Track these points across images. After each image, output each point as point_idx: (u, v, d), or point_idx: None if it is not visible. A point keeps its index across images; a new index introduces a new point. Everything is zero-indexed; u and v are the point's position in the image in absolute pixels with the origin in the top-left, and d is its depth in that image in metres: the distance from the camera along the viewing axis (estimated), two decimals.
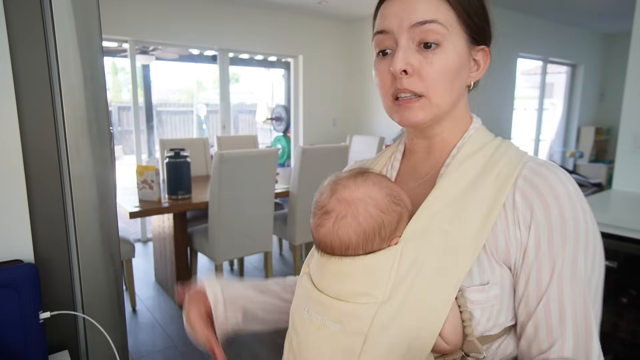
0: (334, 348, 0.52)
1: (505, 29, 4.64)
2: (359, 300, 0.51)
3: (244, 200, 2.60)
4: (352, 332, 0.51)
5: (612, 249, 1.70)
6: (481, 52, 0.60)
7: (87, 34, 0.91)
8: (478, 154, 0.57)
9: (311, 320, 0.55)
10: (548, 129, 6.15)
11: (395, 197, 0.55)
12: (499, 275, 0.53)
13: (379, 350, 0.50)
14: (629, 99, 2.12)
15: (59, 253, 0.95)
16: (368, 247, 0.53)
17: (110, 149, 0.98)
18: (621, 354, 1.80)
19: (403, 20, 0.54)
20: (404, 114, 0.57)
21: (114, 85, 8.01)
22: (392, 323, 0.50)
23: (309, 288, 0.57)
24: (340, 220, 0.54)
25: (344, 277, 0.54)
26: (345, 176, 0.57)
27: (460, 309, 0.52)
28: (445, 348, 0.51)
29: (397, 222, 0.54)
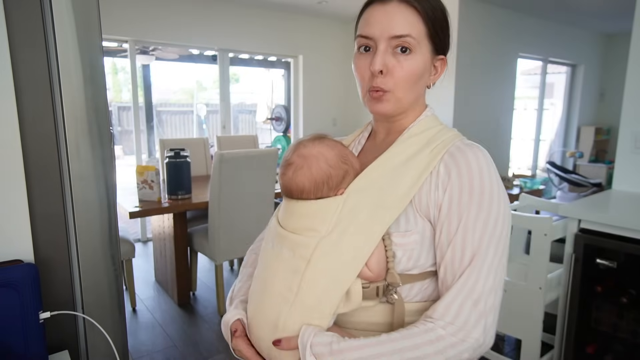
0: (285, 268, 0.68)
1: (505, 29, 4.65)
2: (307, 233, 0.67)
3: (244, 200, 2.60)
4: (300, 257, 0.66)
5: (612, 249, 1.70)
6: (440, 61, 0.75)
7: (87, 34, 0.91)
8: (422, 135, 0.72)
9: (273, 250, 0.71)
10: (548, 129, 6.15)
11: (344, 157, 0.71)
12: (421, 226, 0.67)
13: (317, 270, 0.65)
14: (629, 99, 2.12)
15: (59, 253, 0.95)
16: (318, 193, 0.69)
17: (110, 149, 0.98)
18: (621, 354, 1.79)
19: (384, 31, 0.68)
20: (375, 106, 0.72)
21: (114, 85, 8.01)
22: (330, 251, 0.65)
23: (275, 226, 0.73)
24: (297, 170, 0.70)
25: (298, 215, 0.70)
26: (306, 138, 0.74)
27: (385, 247, 0.67)
28: (370, 276, 0.66)
29: (343, 177, 0.70)
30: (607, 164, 5.50)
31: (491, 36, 4.37)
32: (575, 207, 1.81)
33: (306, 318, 0.65)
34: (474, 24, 4.18)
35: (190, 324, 2.58)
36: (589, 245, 1.75)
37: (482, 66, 4.35)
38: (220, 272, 2.65)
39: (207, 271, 3.39)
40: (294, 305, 0.65)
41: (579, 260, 1.77)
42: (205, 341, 2.39)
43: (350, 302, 0.65)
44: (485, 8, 4.26)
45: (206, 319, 2.64)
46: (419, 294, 0.70)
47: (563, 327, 1.86)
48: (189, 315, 2.69)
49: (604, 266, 1.73)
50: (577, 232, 1.78)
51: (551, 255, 1.82)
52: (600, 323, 1.81)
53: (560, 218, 1.86)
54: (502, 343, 2.33)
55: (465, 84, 4.20)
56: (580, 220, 1.78)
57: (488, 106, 4.54)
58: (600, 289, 1.76)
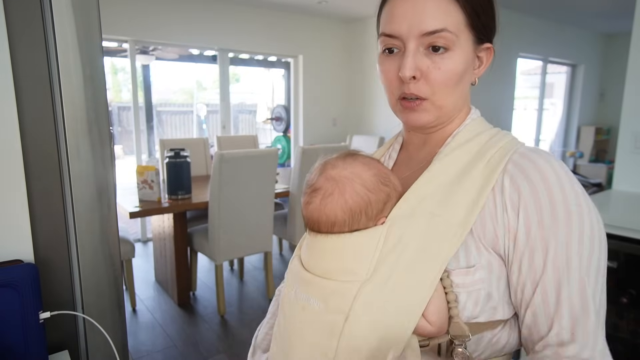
0: (316, 327, 0.52)
1: (505, 29, 4.64)
2: (343, 277, 0.52)
3: (244, 200, 2.60)
4: (335, 310, 0.51)
5: (612, 249, 1.70)
6: (485, 50, 0.61)
7: (87, 34, 0.91)
8: (472, 142, 0.58)
9: (297, 300, 0.56)
10: (548, 129, 6.15)
11: (384, 178, 0.56)
12: (486, 260, 0.53)
13: (360, 329, 0.50)
14: (629, 99, 2.12)
15: (59, 253, 0.95)
16: (354, 225, 0.54)
17: (110, 149, 0.98)
18: (621, 354, 1.79)
19: (413, 27, 0.54)
20: (409, 117, 0.59)
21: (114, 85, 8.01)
22: (374, 302, 0.50)
23: (298, 269, 0.58)
24: (327, 197, 0.55)
25: (329, 255, 0.55)
26: (335, 157, 0.59)
27: (445, 290, 0.52)
28: (429, 330, 0.51)
29: (385, 202, 0.55)
30: (607, 164, 5.50)
31: None
32: None
33: None
34: None
35: (190, 324, 2.58)
36: None
37: None
38: (220, 272, 2.65)
39: (207, 271, 3.39)
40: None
41: None
42: (205, 341, 2.39)
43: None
44: None
45: (206, 319, 2.64)
46: (488, 347, 0.55)
47: None
48: (189, 315, 2.69)
49: None
50: None
51: None
52: None
53: None
54: None
55: None
56: None
57: (488, 106, 4.54)
58: None
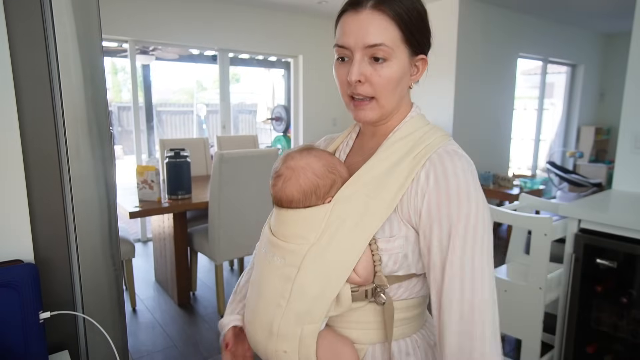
0: (277, 275, 0.71)
1: (505, 29, 4.65)
2: (297, 241, 0.70)
3: (244, 200, 2.60)
4: (290, 264, 0.69)
5: (612, 249, 1.70)
6: (421, 60, 0.74)
7: (87, 34, 0.91)
8: (407, 138, 0.73)
9: (265, 257, 0.75)
10: (548, 129, 6.15)
11: (331, 167, 0.73)
12: (404, 232, 0.69)
13: (307, 277, 0.68)
14: (629, 99, 2.12)
15: (59, 253, 0.95)
16: (307, 202, 0.71)
17: (110, 149, 0.98)
18: (621, 354, 1.80)
19: (358, 40, 0.68)
20: (358, 113, 0.73)
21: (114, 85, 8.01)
22: (319, 259, 0.68)
23: (267, 233, 0.77)
24: (286, 181, 0.73)
25: (288, 224, 0.73)
26: (295, 150, 0.77)
27: (372, 252, 0.69)
28: (358, 280, 0.68)
29: (330, 186, 0.72)
30: (607, 164, 5.50)
31: (491, 36, 4.37)
32: (575, 207, 1.81)
33: (299, 323, 0.67)
34: (474, 24, 4.18)
35: (190, 324, 2.58)
36: (589, 245, 1.75)
37: (482, 66, 4.35)
38: (220, 272, 2.65)
39: (207, 271, 3.39)
40: (286, 311, 0.68)
41: (579, 260, 1.77)
42: (205, 341, 2.39)
43: (341, 305, 0.68)
44: (485, 8, 4.26)
45: (206, 319, 2.64)
46: (406, 292, 0.73)
47: (563, 327, 1.86)
48: (189, 315, 2.69)
49: (604, 266, 1.73)
50: (577, 232, 1.78)
51: (551, 255, 1.82)
52: (600, 323, 1.80)
53: (560, 218, 1.86)
54: (502, 343, 2.33)
55: (465, 84, 4.20)
56: (580, 220, 1.78)
57: (488, 106, 4.54)
58: (600, 289, 1.76)
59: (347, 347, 0.71)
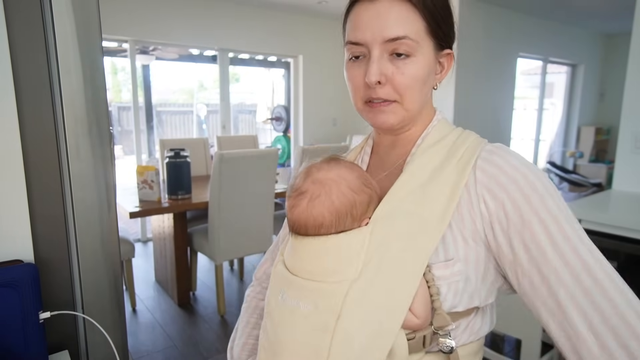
0: (307, 329, 0.53)
1: (505, 29, 4.65)
2: (331, 278, 0.54)
3: (244, 200, 2.60)
4: (325, 310, 0.52)
5: (612, 249, 1.70)
6: (446, 56, 0.64)
7: (87, 34, 0.91)
8: (441, 142, 0.62)
9: (285, 305, 0.56)
10: (548, 129, 6.15)
11: (366, 180, 0.59)
12: (463, 251, 0.56)
13: (351, 326, 0.51)
14: (629, 99, 2.12)
15: (59, 253, 0.95)
16: (340, 226, 0.56)
17: (110, 149, 0.98)
18: None
19: (376, 34, 0.57)
20: (377, 118, 0.61)
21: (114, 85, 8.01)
22: (364, 299, 0.52)
23: (283, 273, 0.59)
24: (314, 200, 0.56)
25: (316, 256, 0.56)
26: (319, 161, 0.61)
27: (428, 284, 0.55)
28: (416, 323, 0.53)
29: (368, 204, 0.57)
30: (607, 164, 5.50)
31: (491, 36, 4.37)
32: (575, 207, 1.81)
33: None
34: (475, 24, 4.18)
35: (190, 324, 2.58)
36: None
37: (482, 66, 4.35)
38: (220, 272, 2.65)
39: (207, 271, 3.39)
40: None
41: None
42: (205, 341, 2.39)
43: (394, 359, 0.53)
44: (485, 8, 4.26)
45: (206, 319, 2.64)
46: (465, 332, 0.58)
47: None
48: (189, 315, 2.69)
49: None
50: None
51: None
52: None
53: None
54: (502, 343, 2.33)
55: (465, 84, 4.20)
56: (581, 220, 1.78)
57: (488, 106, 4.54)
58: None
59: None
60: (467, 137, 0.62)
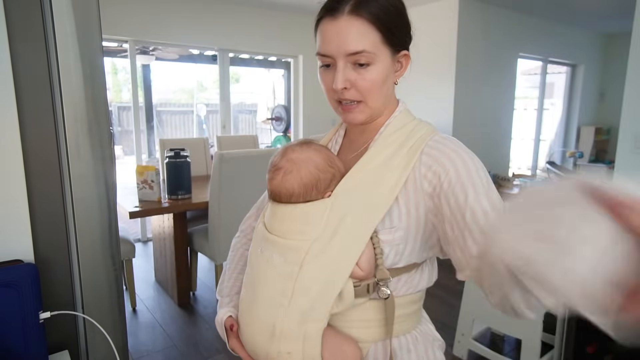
0: (277, 274, 0.68)
1: (505, 29, 4.65)
2: (297, 237, 0.68)
3: (244, 200, 2.60)
4: (292, 261, 0.67)
5: None
6: (404, 56, 0.74)
7: (87, 34, 0.92)
8: (400, 131, 0.74)
9: (262, 256, 0.72)
10: (548, 129, 6.15)
11: (330, 161, 0.73)
12: (405, 221, 0.69)
13: (310, 274, 0.66)
14: (629, 99, 2.12)
15: (59, 253, 0.95)
16: (307, 196, 0.70)
17: (110, 149, 0.98)
18: (621, 353, 1.79)
19: (339, 48, 0.68)
20: (347, 116, 0.74)
21: (114, 85, 8.01)
22: (321, 254, 0.66)
23: (262, 231, 0.74)
24: (287, 175, 0.71)
25: (287, 219, 0.71)
26: (294, 143, 0.76)
27: (373, 245, 0.68)
28: (361, 274, 0.67)
29: (330, 180, 0.71)
30: (607, 164, 5.50)
31: (491, 36, 4.37)
32: None
33: (303, 322, 0.66)
34: (474, 24, 4.18)
35: (190, 324, 2.58)
36: None
37: (482, 66, 4.35)
38: (220, 272, 2.65)
39: (207, 271, 3.39)
40: (289, 310, 0.66)
41: None
42: (205, 341, 2.39)
43: (343, 302, 0.67)
44: (485, 8, 4.26)
45: (206, 319, 2.64)
46: (405, 285, 0.73)
47: (563, 327, 1.86)
48: (189, 315, 2.69)
49: None
50: None
51: None
52: None
53: None
54: (502, 343, 2.33)
55: (465, 84, 4.20)
56: None
57: (488, 106, 4.54)
58: None
59: (352, 346, 0.70)
60: (422, 128, 0.74)
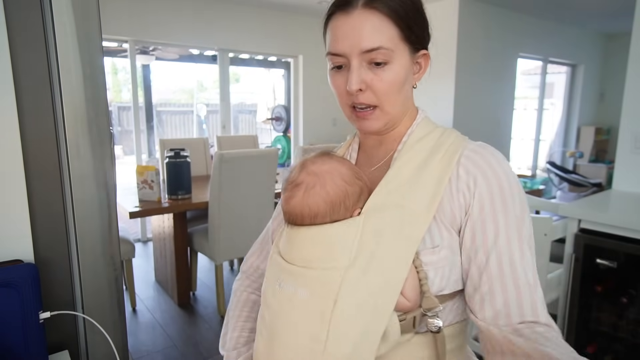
0: (305, 314, 0.56)
1: (505, 29, 4.65)
2: (327, 265, 0.57)
3: (244, 200, 2.60)
4: (322, 296, 0.55)
5: (612, 249, 1.70)
6: (423, 56, 0.67)
7: (87, 34, 0.91)
8: (425, 139, 0.66)
9: (282, 292, 0.59)
10: (548, 129, 6.15)
11: (357, 173, 0.63)
12: (447, 240, 0.60)
13: (348, 311, 0.54)
14: (629, 99, 2.12)
15: (59, 253, 0.95)
16: (334, 215, 0.59)
17: (110, 149, 0.98)
18: (621, 354, 1.79)
19: (354, 46, 0.61)
20: (362, 124, 0.66)
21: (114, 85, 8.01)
22: (358, 285, 0.55)
23: (279, 262, 0.62)
24: (309, 190, 0.60)
25: (312, 245, 0.59)
26: (312, 155, 0.65)
27: (417, 269, 0.58)
28: (407, 305, 0.58)
29: (359, 194, 0.61)
30: (607, 164, 5.49)
31: (491, 36, 4.37)
32: (575, 207, 1.81)
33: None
34: (474, 24, 4.18)
35: (190, 324, 2.58)
36: (589, 245, 1.75)
37: (482, 66, 4.35)
38: (220, 272, 2.65)
39: (207, 271, 3.39)
40: (324, 357, 0.54)
41: (579, 260, 1.77)
42: (205, 341, 2.39)
43: (388, 340, 0.56)
44: (485, 8, 4.26)
45: (206, 319, 2.64)
46: (450, 313, 0.63)
47: (563, 327, 1.86)
48: (189, 315, 2.69)
49: (604, 266, 1.73)
50: (577, 232, 1.78)
51: (551, 255, 1.82)
52: (600, 323, 1.80)
53: (560, 218, 1.86)
54: None
55: (465, 84, 4.20)
56: (580, 220, 1.78)
57: (488, 106, 4.54)
58: (600, 289, 1.76)
59: None
60: (450, 135, 0.66)
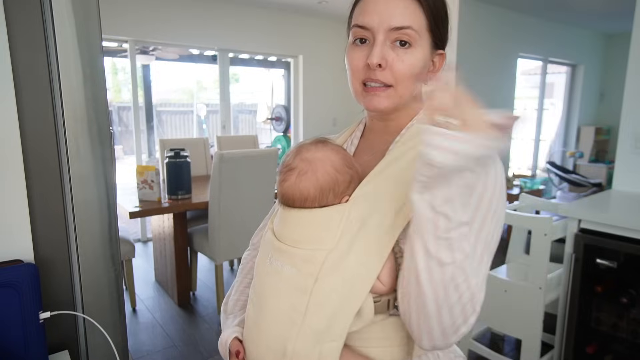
0: (289, 287, 0.61)
1: (505, 29, 4.65)
2: (310, 246, 0.61)
3: (244, 200, 2.60)
4: (306, 274, 0.60)
5: (612, 249, 1.70)
6: (439, 56, 0.70)
7: (87, 34, 0.91)
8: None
9: (272, 266, 0.65)
10: (548, 129, 6.15)
11: (349, 162, 0.66)
12: None
13: (327, 288, 0.59)
14: (629, 99, 2.12)
15: (59, 253, 0.95)
16: (323, 200, 0.63)
17: (110, 149, 0.98)
18: (621, 354, 1.80)
19: (383, 21, 0.63)
20: (371, 100, 0.66)
21: (114, 85, 8.01)
22: (339, 266, 0.59)
23: (271, 239, 0.67)
24: (302, 175, 0.64)
25: (301, 226, 0.64)
26: (308, 142, 0.68)
27: (395, 256, 0.62)
28: (382, 289, 0.61)
29: (349, 183, 0.64)
30: (607, 164, 5.49)
31: (491, 36, 4.37)
32: (575, 207, 1.81)
33: (318, 341, 0.59)
34: (474, 24, 4.18)
35: (190, 324, 2.58)
36: (589, 245, 1.75)
37: (482, 66, 4.35)
38: (220, 272, 2.65)
39: (207, 271, 3.39)
40: (302, 328, 0.59)
41: (579, 260, 1.77)
42: (205, 341, 2.39)
43: (362, 319, 0.60)
44: (485, 8, 4.26)
45: (206, 319, 2.64)
46: None
47: (563, 327, 1.86)
48: (189, 315, 2.69)
49: (604, 266, 1.73)
50: (577, 232, 1.78)
51: (551, 255, 1.82)
52: (600, 323, 1.81)
53: (560, 218, 1.86)
54: (502, 343, 2.33)
55: (465, 84, 4.19)
56: (580, 220, 1.78)
57: (488, 106, 4.53)
58: (600, 289, 1.76)
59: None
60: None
